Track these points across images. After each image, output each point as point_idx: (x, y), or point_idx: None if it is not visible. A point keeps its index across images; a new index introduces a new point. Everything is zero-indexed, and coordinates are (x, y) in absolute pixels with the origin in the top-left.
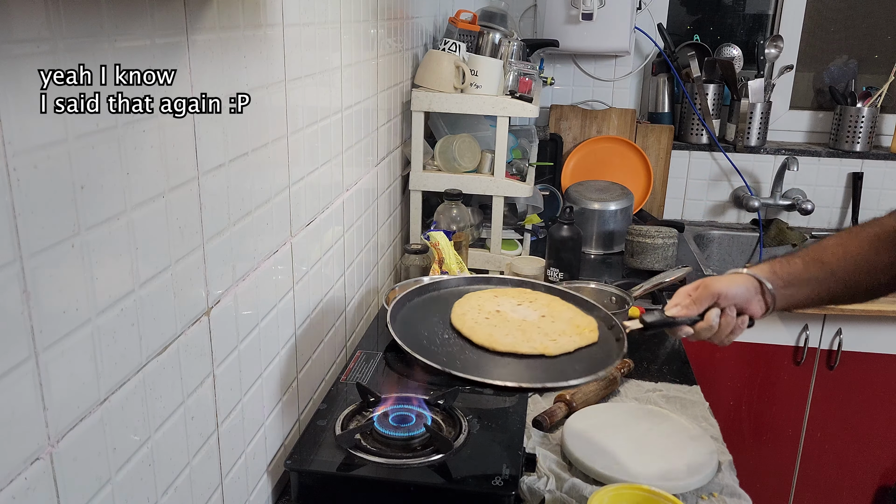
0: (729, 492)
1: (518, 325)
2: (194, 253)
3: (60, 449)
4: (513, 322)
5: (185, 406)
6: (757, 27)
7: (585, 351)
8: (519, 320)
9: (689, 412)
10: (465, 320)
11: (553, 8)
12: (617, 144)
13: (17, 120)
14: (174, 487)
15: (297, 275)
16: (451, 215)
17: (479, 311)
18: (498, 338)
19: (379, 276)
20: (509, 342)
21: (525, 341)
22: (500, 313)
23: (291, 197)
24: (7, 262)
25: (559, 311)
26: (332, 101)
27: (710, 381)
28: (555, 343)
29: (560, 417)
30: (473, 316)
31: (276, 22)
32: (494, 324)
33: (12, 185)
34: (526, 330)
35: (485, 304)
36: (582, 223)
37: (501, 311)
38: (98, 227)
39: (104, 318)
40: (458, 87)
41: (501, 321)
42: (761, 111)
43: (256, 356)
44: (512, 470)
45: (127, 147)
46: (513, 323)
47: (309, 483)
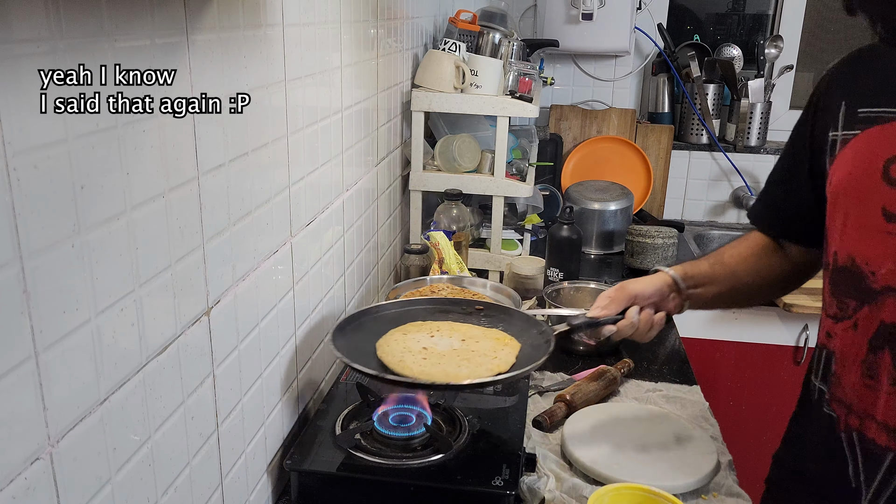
0: (729, 492)
1: (444, 355)
2: (194, 253)
3: (60, 449)
4: (439, 353)
5: (185, 406)
6: (757, 27)
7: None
8: (445, 351)
9: (689, 412)
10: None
11: (553, 8)
12: (617, 144)
13: (17, 120)
14: (174, 487)
15: (297, 275)
16: (451, 215)
17: (406, 349)
18: (426, 369)
19: (379, 276)
20: (438, 372)
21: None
22: (427, 349)
23: (291, 197)
24: (7, 262)
25: (479, 337)
26: (332, 101)
27: (710, 381)
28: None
29: (560, 417)
30: (400, 351)
31: (276, 22)
32: (424, 357)
33: (12, 185)
34: (454, 357)
35: (409, 343)
36: (582, 223)
37: (428, 347)
38: (98, 227)
39: (104, 318)
40: (458, 87)
41: (430, 354)
42: (761, 111)
43: (256, 356)
44: (512, 470)
45: (127, 147)
46: (439, 354)
47: (309, 483)
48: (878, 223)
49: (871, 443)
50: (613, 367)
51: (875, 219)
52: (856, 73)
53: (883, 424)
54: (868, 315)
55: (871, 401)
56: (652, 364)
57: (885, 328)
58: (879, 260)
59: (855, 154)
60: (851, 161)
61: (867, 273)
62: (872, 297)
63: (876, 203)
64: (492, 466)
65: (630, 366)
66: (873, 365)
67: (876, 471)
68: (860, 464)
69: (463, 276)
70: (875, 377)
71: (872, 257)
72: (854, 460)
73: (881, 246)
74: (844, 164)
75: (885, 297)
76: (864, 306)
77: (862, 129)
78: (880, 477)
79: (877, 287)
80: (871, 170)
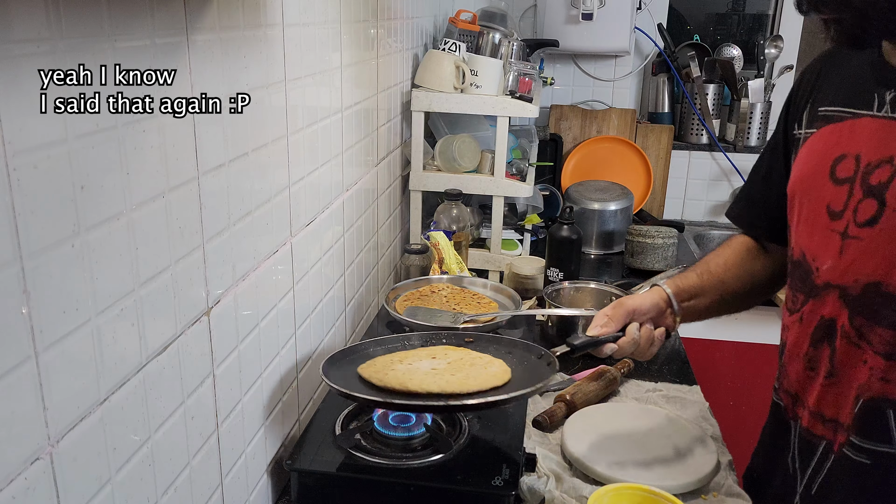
0: (729, 492)
1: (428, 373)
2: (194, 253)
3: (60, 449)
4: (424, 371)
5: (185, 406)
6: (757, 27)
7: (519, 378)
8: (428, 370)
9: (689, 412)
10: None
11: (553, 8)
12: (617, 144)
13: (17, 120)
14: (174, 487)
15: (297, 275)
16: (452, 215)
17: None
18: (416, 381)
19: (379, 276)
20: (427, 384)
21: (444, 382)
22: (411, 366)
23: (291, 197)
24: (7, 262)
25: (468, 359)
26: (332, 101)
27: (710, 381)
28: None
29: (560, 417)
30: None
31: (276, 22)
32: (405, 371)
33: (12, 185)
34: (440, 374)
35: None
36: (582, 223)
37: (413, 365)
38: (98, 227)
39: (104, 318)
40: (458, 87)
41: (411, 370)
42: (761, 111)
43: (256, 356)
44: (512, 470)
45: (127, 147)
46: (424, 372)
47: (309, 483)
48: (823, 220)
49: (806, 431)
50: (613, 367)
51: (821, 216)
52: (824, 71)
53: (817, 414)
54: (811, 309)
55: (809, 392)
56: (652, 364)
57: (824, 323)
58: (823, 256)
59: (809, 152)
60: (805, 159)
61: (813, 268)
62: (816, 291)
63: (822, 200)
64: (492, 466)
65: (630, 366)
66: (814, 358)
67: (810, 458)
68: (796, 451)
69: (463, 276)
70: (815, 370)
71: (818, 253)
72: (793, 448)
73: (825, 242)
74: (800, 162)
75: (826, 292)
76: (809, 300)
77: (818, 127)
78: (814, 464)
79: (819, 283)
80: (821, 168)
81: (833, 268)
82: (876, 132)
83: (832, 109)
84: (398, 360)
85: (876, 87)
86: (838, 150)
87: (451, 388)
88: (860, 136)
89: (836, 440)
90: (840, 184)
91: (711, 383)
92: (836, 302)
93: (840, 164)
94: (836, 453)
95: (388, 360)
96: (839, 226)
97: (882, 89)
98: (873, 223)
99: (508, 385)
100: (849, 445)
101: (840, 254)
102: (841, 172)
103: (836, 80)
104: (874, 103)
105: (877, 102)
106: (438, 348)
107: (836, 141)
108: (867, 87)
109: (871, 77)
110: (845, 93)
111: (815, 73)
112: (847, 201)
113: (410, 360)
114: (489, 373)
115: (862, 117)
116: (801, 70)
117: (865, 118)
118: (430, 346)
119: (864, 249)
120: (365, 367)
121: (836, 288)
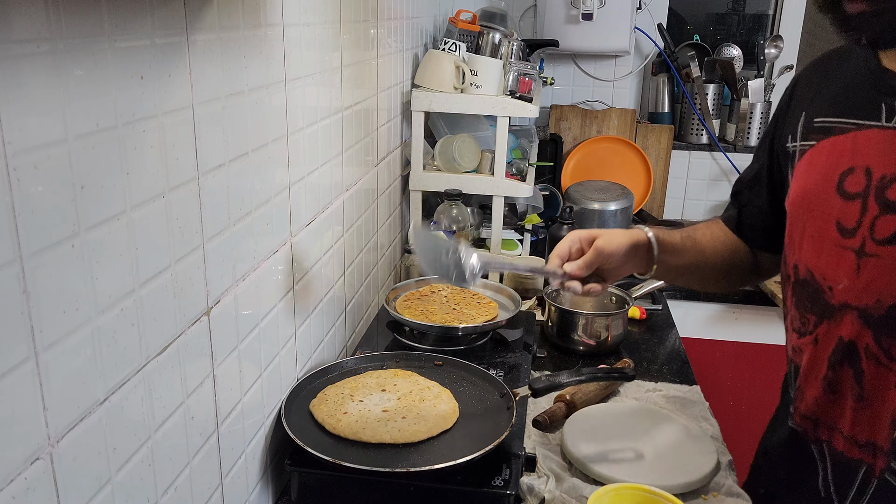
0: (729, 492)
1: (380, 419)
2: (194, 253)
3: (60, 449)
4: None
5: (185, 406)
6: (757, 27)
7: (475, 423)
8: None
9: (689, 412)
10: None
11: (553, 8)
12: (617, 144)
13: (17, 120)
14: (174, 487)
15: (297, 275)
16: (452, 215)
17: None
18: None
19: (379, 276)
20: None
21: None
22: (363, 404)
23: (291, 197)
24: (7, 262)
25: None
26: (332, 101)
27: (710, 381)
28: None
29: (560, 417)
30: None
31: (276, 22)
32: (356, 416)
33: (12, 185)
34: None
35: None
36: (582, 223)
37: (364, 401)
38: (98, 227)
39: (104, 318)
40: (458, 87)
41: (363, 411)
42: (761, 111)
43: (256, 356)
44: (512, 470)
45: (127, 147)
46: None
47: (309, 483)
48: (833, 237)
49: (841, 455)
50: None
51: (830, 233)
52: (818, 79)
53: (850, 438)
54: (827, 331)
55: (836, 415)
56: (652, 364)
57: (843, 345)
58: (836, 275)
59: (810, 166)
60: (806, 173)
61: (825, 288)
62: (831, 312)
63: (831, 217)
64: (492, 466)
65: (630, 366)
66: (833, 381)
67: (851, 482)
68: (830, 475)
69: None
70: (837, 392)
71: (829, 272)
72: (825, 470)
73: (837, 260)
74: (800, 176)
75: (843, 313)
76: (824, 321)
77: (817, 139)
78: (856, 487)
79: (835, 303)
80: (826, 182)
81: (849, 287)
82: (885, 143)
83: (831, 120)
84: (349, 396)
85: (879, 95)
86: (844, 163)
87: (402, 437)
88: (867, 148)
89: (877, 465)
90: (850, 199)
91: (711, 383)
92: (856, 322)
93: (848, 177)
94: (877, 478)
95: (339, 395)
96: (853, 243)
97: (888, 98)
98: (895, 240)
99: (457, 425)
100: (889, 471)
101: (857, 272)
102: (850, 187)
103: (831, 90)
104: (881, 113)
105: (885, 112)
106: (388, 376)
107: (840, 154)
108: (868, 95)
109: (871, 85)
110: (843, 102)
111: (808, 80)
112: (861, 218)
113: (361, 396)
114: (437, 413)
115: (867, 128)
116: (793, 78)
117: (872, 129)
118: (379, 371)
119: (885, 268)
120: (316, 404)
121: (855, 308)
